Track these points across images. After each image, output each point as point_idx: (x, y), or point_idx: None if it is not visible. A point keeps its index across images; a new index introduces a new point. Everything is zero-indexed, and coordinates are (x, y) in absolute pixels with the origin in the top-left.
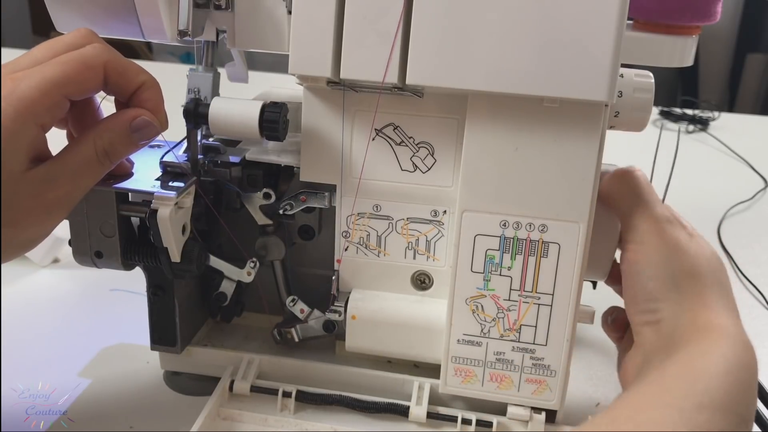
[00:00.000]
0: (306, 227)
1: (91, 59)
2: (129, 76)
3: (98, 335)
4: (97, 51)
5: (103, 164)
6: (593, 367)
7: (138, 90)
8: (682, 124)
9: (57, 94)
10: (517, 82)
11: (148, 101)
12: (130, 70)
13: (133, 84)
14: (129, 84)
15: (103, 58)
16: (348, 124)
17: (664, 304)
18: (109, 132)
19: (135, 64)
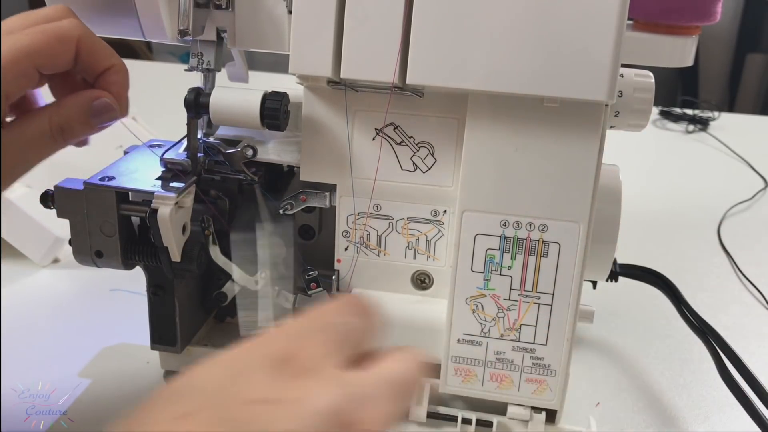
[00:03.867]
0: (306, 227)
1: (65, 32)
2: (100, 55)
3: (98, 335)
4: (71, 25)
5: (56, 141)
6: (593, 367)
7: (106, 71)
8: (682, 124)
9: (25, 64)
10: (517, 81)
11: (113, 84)
12: (102, 50)
13: (103, 65)
14: (98, 64)
15: (77, 32)
16: (348, 123)
17: None
18: (68, 109)
19: (108, 47)
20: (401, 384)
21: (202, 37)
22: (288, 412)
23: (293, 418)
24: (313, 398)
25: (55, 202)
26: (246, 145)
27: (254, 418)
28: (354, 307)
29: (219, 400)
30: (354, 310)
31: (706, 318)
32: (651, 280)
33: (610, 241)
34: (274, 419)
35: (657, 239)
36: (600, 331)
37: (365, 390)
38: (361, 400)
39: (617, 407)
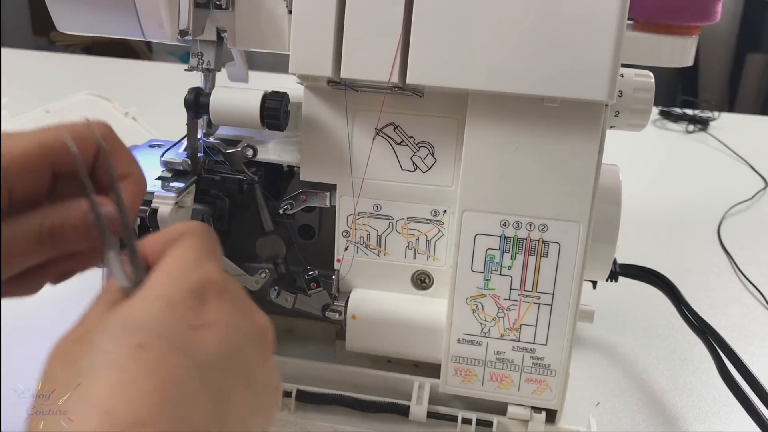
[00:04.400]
0: (306, 227)
1: (87, 130)
2: (120, 161)
3: None
4: (97, 123)
5: (44, 245)
6: (593, 367)
7: (121, 179)
8: (682, 124)
9: (38, 158)
10: (517, 81)
11: (125, 193)
12: (124, 156)
13: (119, 171)
14: (116, 168)
15: (101, 131)
16: (348, 123)
17: None
18: (66, 211)
19: (130, 154)
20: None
21: (202, 37)
22: (218, 330)
23: (222, 336)
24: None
25: None
26: (246, 145)
27: (197, 339)
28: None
29: (164, 329)
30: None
31: (706, 318)
32: (651, 280)
33: (610, 241)
34: (211, 338)
35: (657, 239)
36: (600, 331)
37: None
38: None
39: (617, 407)
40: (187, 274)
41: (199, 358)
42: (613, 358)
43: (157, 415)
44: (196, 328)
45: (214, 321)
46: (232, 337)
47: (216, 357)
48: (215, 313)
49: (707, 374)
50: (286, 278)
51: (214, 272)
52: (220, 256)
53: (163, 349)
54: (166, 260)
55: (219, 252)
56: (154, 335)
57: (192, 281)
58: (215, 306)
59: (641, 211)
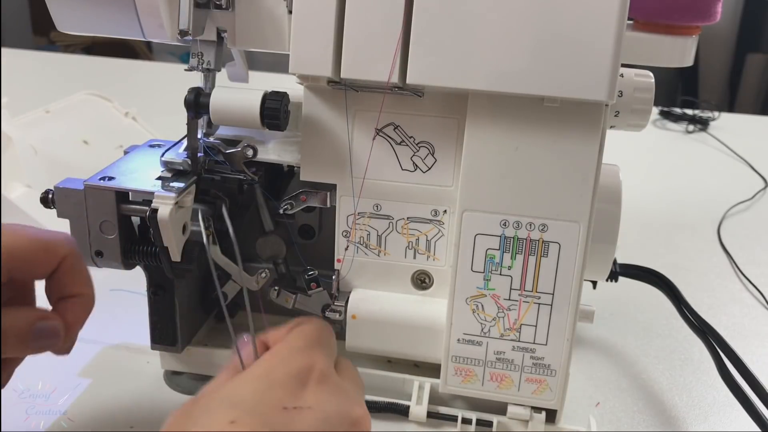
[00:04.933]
0: (306, 227)
1: (54, 244)
2: (77, 278)
3: (98, 335)
4: (64, 239)
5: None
6: (593, 367)
7: (71, 297)
8: (682, 124)
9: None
10: (517, 81)
11: (71, 314)
12: (82, 275)
13: (73, 289)
14: (69, 287)
15: (67, 250)
16: (348, 123)
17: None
18: (8, 318)
19: (88, 276)
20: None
21: (202, 37)
22: (313, 416)
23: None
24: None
25: (55, 202)
26: (246, 145)
27: (289, 421)
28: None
29: (259, 407)
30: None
31: (706, 318)
32: (651, 280)
33: (610, 241)
34: (303, 422)
35: (657, 239)
36: (600, 331)
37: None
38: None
39: (617, 407)
40: (292, 358)
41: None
42: (613, 358)
43: None
44: (291, 410)
45: (309, 406)
46: (324, 425)
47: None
48: (312, 399)
49: (707, 374)
50: (286, 278)
51: (320, 361)
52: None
53: (253, 425)
54: (278, 344)
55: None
56: (248, 412)
57: (295, 366)
58: (313, 392)
59: (641, 211)
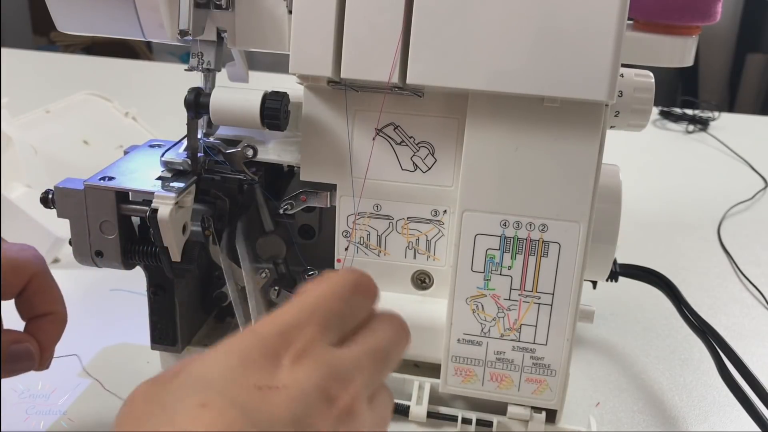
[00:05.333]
0: (306, 227)
1: (21, 264)
2: (45, 297)
3: (98, 335)
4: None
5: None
6: (593, 367)
7: (43, 316)
8: (682, 124)
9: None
10: (517, 81)
11: (43, 332)
12: (50, 293)
13: (44, 308)
14: (40, 306)
15: (34, 269)
16: (348, 123)
17: None
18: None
19: (58, 292)
20: (382, 352)
21: (202, 37)
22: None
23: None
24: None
25: (55, 202)
26: (246, 145)
27: (261, 401)
28: (346, 284)
29: (229, 388)
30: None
31: (706, 318)
32: (651, 280)
33: (610, 241)
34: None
35: (657, 239)
36: (600, 331)
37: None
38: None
39: (617, 407)
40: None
41: (260, 419)
42: (613, 358)
43: None
44: (264, 389)
45: (284, 385)
46: (300, 403)
47: (278, 421)
48: (288, 377)
49: (707, 374)
50: (286, 278)
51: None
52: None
53: (224, 407)
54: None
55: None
56: (217, 393)
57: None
58: (288, 369)
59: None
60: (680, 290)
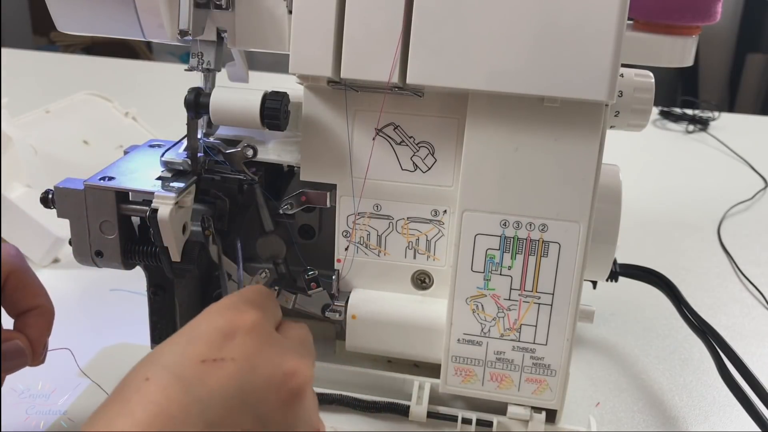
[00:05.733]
0: (306, 227)
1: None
2: (27, 293)
3: (98, 335)
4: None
5: None
6: (593, 367)
7: (29, 312)
8: (682, 124)
9: None
10: (517, 81)
11: (32, 327)
12: (32, 288)
13: (27, 304)
14: (23, 302)
15: (10, 267)
16: (348, 123)
17: None
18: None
19: (39, 285)
20: (309, 342)
21: (202, 37)
22: (234, 366)
23: (238, 371)
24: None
25: (55, 202)
26: (246, 145)
27: (204, 374)
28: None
29: (174, 362)
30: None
31: (706, 318)
32: (651, 280)
33: (610, 241)
34: (221, 374)
35: (657, 239)
36: (600, 331)
37: (288, 345)
38: (287, 352)
39: (617, 407)
40: (220, 312)
41: (201, 392)
42: (613, 358)
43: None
44: (209, 362)
45: (231, 358)
46: (246, 375)
47: (221, 393)
48: (235, 351)
49: (707, 374)
50: (286, 278)
51: (252, 315)
52: (270, 309)
53: (165, 381)
54: (213, 304)
55: (270, 306)
56: (161, 368)
57: (222, 320)
58: (238, 344)
59: (641, 211)
60: (680, 290)
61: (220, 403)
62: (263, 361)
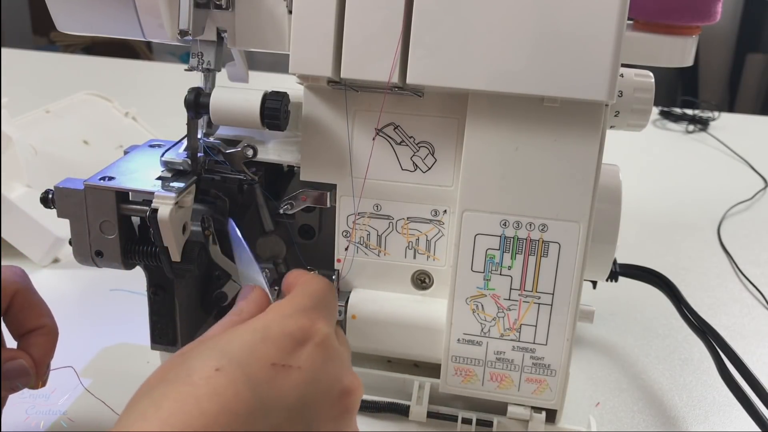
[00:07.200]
0: (306, 227)
1: (4, 282)
2: (32, 313)
3: (98, 335)
4: (13, 277)
5: None
6: (593, 367)
7: (33, 331)
8: (682, 124)
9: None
10: (517, 81)
11: (36, 347)
12: (37, 308)
13: (32, 324)
14: (28, 321)
15: (15, 286)
16: (348, 123)
17: None
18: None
19: (44, 305)
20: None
21: (202, 37)
22: (299, 376)
23: (303, 382)
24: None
25: (55, 202)
26: (246, 145)
27: (273, 378)
28: (332, 288)
29: (246, 359)
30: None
31: (706, 318)
32: (651, 280)
33: (610, 241)
34: (287, 383)
35: (657, 239)
36: (600, 331)
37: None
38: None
39: (617, 407)
40: (293, 317)
41: (267, 396)
42: (613, 358)
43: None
44: (278, 368)
45: (298, 366)
46: (309, 388)
47: (284, 401)
48: (304, 360)
49: (707, 374)
50: None
51: (323, 324)
52: (334, 311)
53: (236, 377)
54: (282, 301)
55: (334, 307)
56: (234, 363)
57: (294, 325)
58: (309, 353)
59: (641, 211)
60: (680, 290)
61: (282, 410)
62: (326, 375)
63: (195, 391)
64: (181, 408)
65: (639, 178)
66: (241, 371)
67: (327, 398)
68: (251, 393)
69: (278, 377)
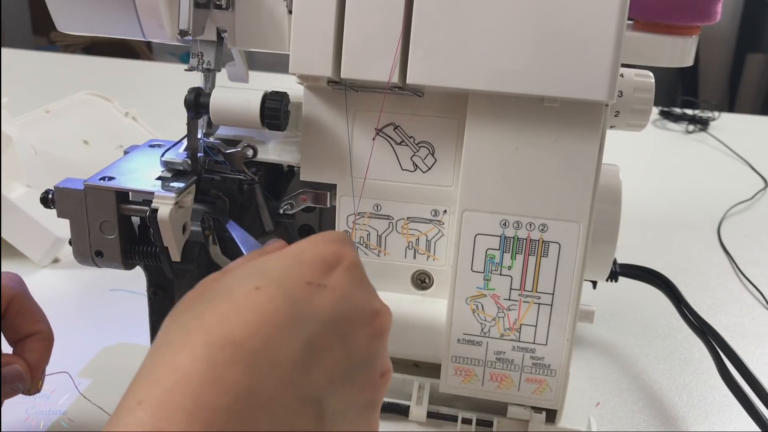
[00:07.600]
0: (306, 227)
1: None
2: (27, 319)
3: (98, 335)
4: (9, 283)
5: None
6: (593, 367)
7: (29, 337)
8: (682, 124)
9: None
10: (517, 81)
11: (32, 353)
12: (32, 314)
13: (28, 329)
14: (23, 327)
15: (12, 292)
16: (348, 123)
17: None
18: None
19: (40, 311)
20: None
21: (202, 37)
22: (334, 295)
23: (338, 300)
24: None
25: (55, 202)
26: (246, 145)
27: (311, 295)
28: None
29: (283, 279)
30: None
31: (706, 318)
32: (651, 280)
33: (610, 241)
34: (322, 300)
35: (657, 239)
36: (600, 331)
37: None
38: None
39: (617, 407)
40: (324, 244)
41: (305, 311)
42: (613, 358)
43: (248, 340)
44: (313, 286)
45: (332, 287)
46: (343, 306)
47: (321, 316)
48: (337, 281)
49: (707, 374)
50: None
51: (352, 253)
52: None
53: (275, 293)
54: (311, 236)
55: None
56: (272, 282)
57: (327, 250)
58: (340, 275)
59: (641, 211)
60: (680, 290)
61: (319, 325)
62: (357, 296)
63: (236, 306)
64: (223, 320)
65: (639, 178)
66: (279, 289)
67: (360, 317)
68: (290, 307)
69: (314, 295)
